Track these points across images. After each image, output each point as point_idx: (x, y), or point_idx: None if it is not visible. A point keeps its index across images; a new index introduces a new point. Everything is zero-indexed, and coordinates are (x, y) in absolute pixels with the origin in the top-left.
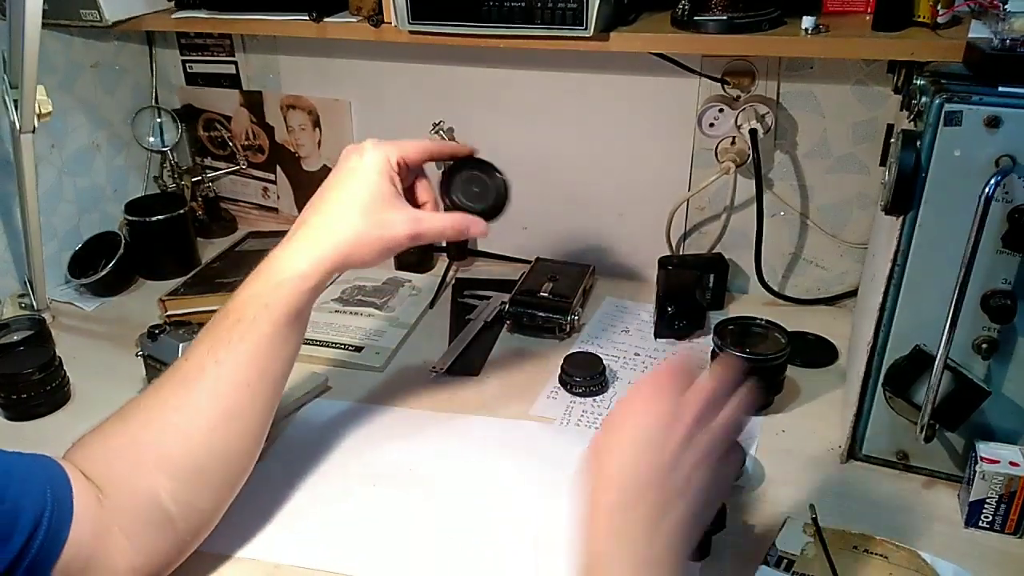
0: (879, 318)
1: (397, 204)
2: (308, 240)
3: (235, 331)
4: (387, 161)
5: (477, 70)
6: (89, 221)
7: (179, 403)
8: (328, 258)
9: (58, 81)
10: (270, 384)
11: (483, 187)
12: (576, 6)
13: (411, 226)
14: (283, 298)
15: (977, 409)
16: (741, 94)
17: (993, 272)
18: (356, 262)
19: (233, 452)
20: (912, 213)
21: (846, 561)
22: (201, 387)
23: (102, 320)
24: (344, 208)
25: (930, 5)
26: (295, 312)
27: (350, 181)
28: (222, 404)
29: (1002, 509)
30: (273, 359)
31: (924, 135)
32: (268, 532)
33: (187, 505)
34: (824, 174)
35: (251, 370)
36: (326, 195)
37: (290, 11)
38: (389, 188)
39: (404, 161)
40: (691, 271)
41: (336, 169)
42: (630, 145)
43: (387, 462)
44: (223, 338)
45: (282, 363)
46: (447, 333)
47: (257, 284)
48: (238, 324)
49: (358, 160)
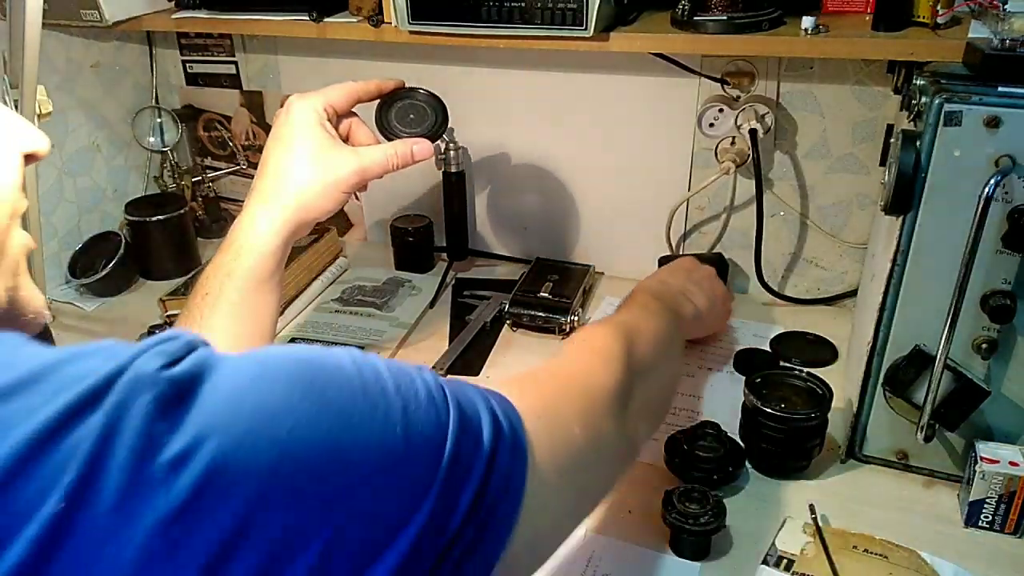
0: (879, 318)
1: (334, 146)
2: (260, 206)
3: (204, 306)
4: (314, 111)
5: (477, 70)
6: (89, 221)
7: None
8: (283, 218)
9: (58, 81)
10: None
11: (419, 112)
12: (576, 6)
13: (354, 162)
14: (245, 266)
15: (977, 409)
16: (741, 94)
17: (993, 272)
18: (313, 213)
19: None
20: (912, 213)
21: (846, 561)
22: None
23: (102, 320)
24: (285, 166)
25: (930, 5)
26: (260, 277)
27: (284, 139)
28: None
29: (1002, 509)
30: (248, 326)
31: (924, 135)
32: None
33: None
34: (824, 174)
35: (228, 342)
36: (266, 159)
37: (290, 11)
38: (322, 134)
39: (331, 107)
40: None
41: (271, 134)
42: (630, 145)
43: None
44: (195, 315)
45: (259, 328)
46: (447, 333)
47: (220, 256)
48: (206, 298)
49: (286, 117)
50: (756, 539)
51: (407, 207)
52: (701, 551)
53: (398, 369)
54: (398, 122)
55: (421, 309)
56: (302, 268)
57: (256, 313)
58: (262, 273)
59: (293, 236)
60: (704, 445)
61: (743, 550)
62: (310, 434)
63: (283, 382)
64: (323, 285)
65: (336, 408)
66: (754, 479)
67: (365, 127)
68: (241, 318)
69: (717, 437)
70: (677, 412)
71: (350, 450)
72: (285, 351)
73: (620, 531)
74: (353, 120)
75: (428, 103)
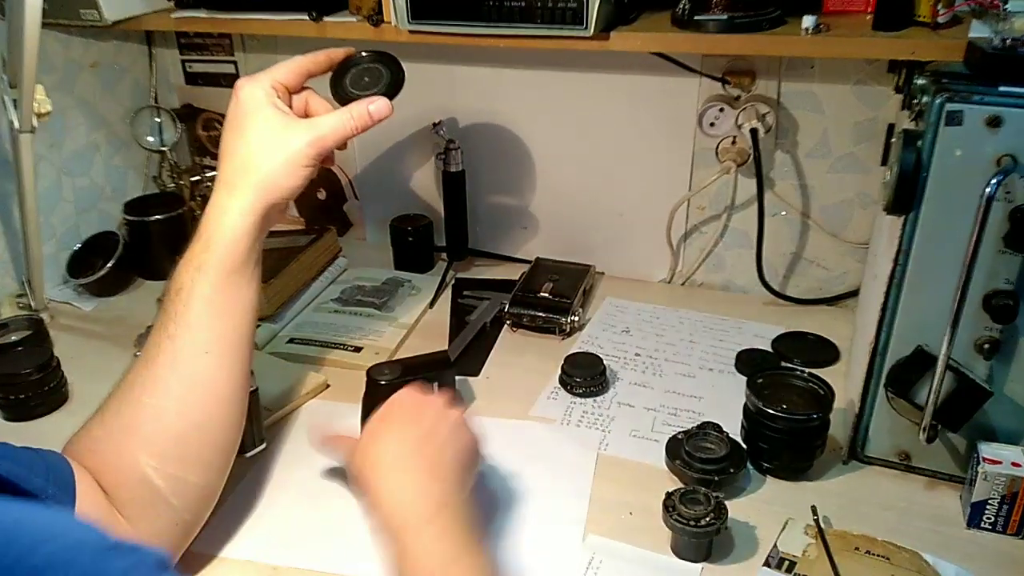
0: (881, 318)
1: (286, 123)
2: (224, 194)
3: (179, 302)
4: (262, 90)
5: (477, 70)
6: (88, 221)
7: (145, 383)
8: (249, 203)
9: (57, 81)
10: (230, 344)
11: (373, 75)
12: (576, 5)
13: (309, 133)
14: (215, 257)
15: (979, 410)
16: (742, 93)
17: (995, 272)
18: (277, 193)
19: (210, 421)
20: (913, 213)
21: (848, 562)
22: (161, 363)
23: (100, 320)
24: (241, 150)
25: (930, 5)
26: (231, 268)
27: (238, 124)
28: (184, 376)
29: (1004, 510)
30: (224, 319)
31: (925, 135)
32: (267, 533)
33: (176, 479)
34: (825, 174)
35: (205, 336)
36: (224, 147)
37: (290, 11)
38: (274, 113)
39: (280, 84)
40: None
41: (225, 120)
42: (630, 145)
43: None
44: (170, 311)
45: (237, 321)
46: (447, 333)
47: (190, 251)
48: (180, 294)
49: (236, 104)
50: (757, 541)
51: (407, 207)
52: (702, 553)
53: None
54: (353, 88)
55: (421, 309)
56: (301, 268)
57: (232, 306)
58: (234, 263)
59: (263, 221)
60: (705, 446)
61: (744, 551)
62: None
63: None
64: (322, 285)
65: None
66: (756, 480)
67: (322, 100)
68: (216, 313)
69: (718, 438)
70: (678, 413)
71: None
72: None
73: (621, 533)
74: (308, 93)
75: (381, 63)
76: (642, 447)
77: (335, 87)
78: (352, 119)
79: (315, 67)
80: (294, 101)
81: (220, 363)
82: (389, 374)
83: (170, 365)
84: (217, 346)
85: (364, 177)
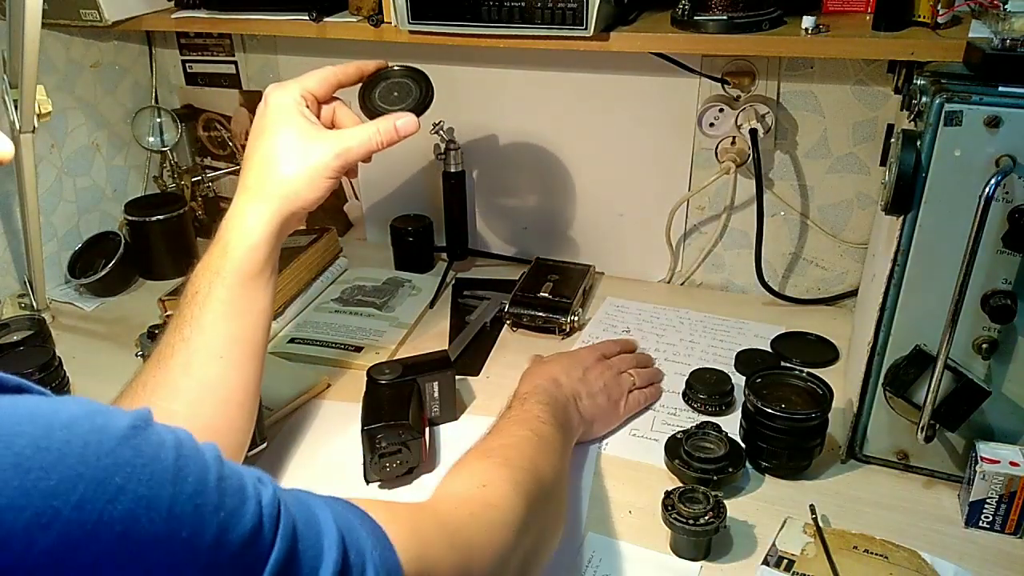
0: (879, 318)
1: (314, 133)
2: (246, 200)
3: (195, 305)
4: (291, 98)
5: (477, 70)
6: (89, 221)
7: (156, 385)
8: (270, 211)
9: (58, 81)
10: (243, 350)
11: (403, 89)
12: (576, 6)
13: (335, 145)
14: (234, 262)
15: (977, 409)
16: (741, 94)
17: (993, 272)
18: (299, 203)
19: (220, 425)
20: (912, 213)
21: (846, 561)
22: (174, 365)
23: (102, 320)
24: (267, 157)
25: (930, 5)
26: (250, 274)
27: (265, 131)
28: (197, 379)
29: (1002, 509)
30: (239, 325)
31: (924, 135)
32: None
33: None
34: (824, 174)
35: (219, 341)
36: (249, 153)
37: (290, 11)
38: (302, 122)
39: (309, 94)
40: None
41: (252, 126)
42: (630, 145)
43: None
44: (186, 315)
45: (251, 326)
46: (447, 333)
47: (209, 255)
48: (196, 297)
49: (264, 109)
50: (756, 539)
51: (407, 207)
52: (701, 551)
53: (228, 485)
54: (382, 101)
55: (421, 309)
56: (302, 268)
57: (247, 312)
58: (251, 269)
59: (283, 229)
60: (704, 445)
61: (743, 550)
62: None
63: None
64: (323, 285)
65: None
66: (754, 479)
67: (350, 111)
68: (232, 317)
69: (718, 437)
70: (677, 412)
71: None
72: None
73: (620, 531)
74: (336, 105)
75: (411, 78)
76: (642, 446)
77: (364, 100)
78: (379, 133)
79: (345, 78)
80: (322, 111)
81: (233, 368)
82: (389, 374)
83: (183, 368)
84: (231, 351)
85: (364, 177)
